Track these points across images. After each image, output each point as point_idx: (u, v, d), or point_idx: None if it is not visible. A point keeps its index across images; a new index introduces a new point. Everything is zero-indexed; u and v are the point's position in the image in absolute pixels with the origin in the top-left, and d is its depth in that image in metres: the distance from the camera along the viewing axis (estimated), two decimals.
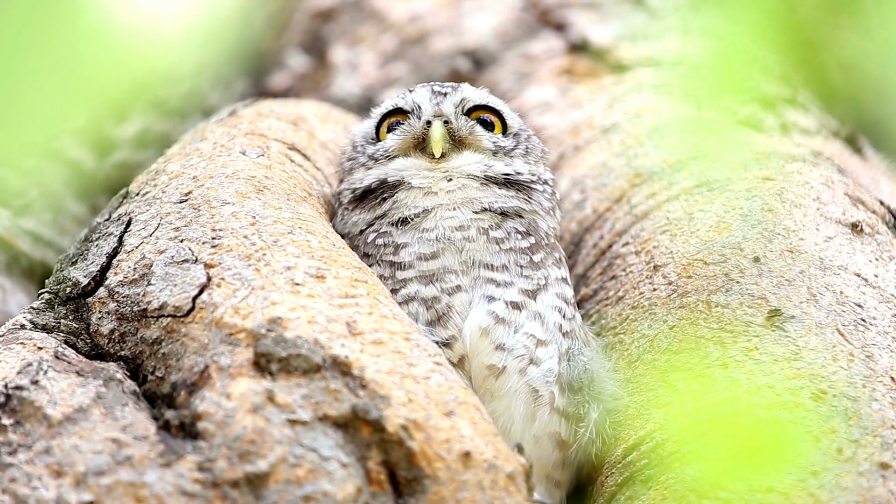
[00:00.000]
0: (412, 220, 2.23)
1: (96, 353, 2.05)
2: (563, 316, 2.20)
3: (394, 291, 2.16)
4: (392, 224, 2.24)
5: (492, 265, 2.19)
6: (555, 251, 2.27)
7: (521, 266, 2.20)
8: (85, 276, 2.10)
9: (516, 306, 2.17)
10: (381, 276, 2.18)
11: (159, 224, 2.11)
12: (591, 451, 2.18)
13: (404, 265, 2.19)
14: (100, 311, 2.06)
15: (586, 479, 2.22)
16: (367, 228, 2.27)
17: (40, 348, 2.01)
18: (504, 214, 2.25)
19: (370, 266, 2.19)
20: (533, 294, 2.19)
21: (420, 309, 2.16)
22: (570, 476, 2.22)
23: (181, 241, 2.08)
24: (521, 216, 2.26)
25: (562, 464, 2.19)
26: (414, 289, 2.17)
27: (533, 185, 2.31)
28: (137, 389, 1.98)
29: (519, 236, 2.23)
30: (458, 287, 2.17)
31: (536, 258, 2.22)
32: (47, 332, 2.06)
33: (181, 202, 2.15)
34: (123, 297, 2.04)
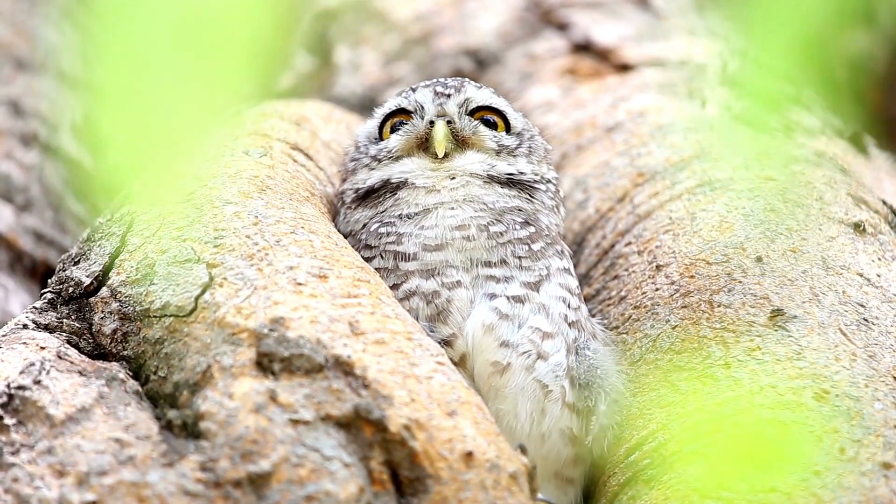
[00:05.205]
0: (413, 217, 2.22)
1: (99, 352, 2.04)
2: (569, 306, 2.18)
3: (395, 287, 2.15)
4: (395, 216, 2.24)
5: (490, 262, 2.18)
6: (556, 244, 2.25)
7: (520, 257, 2.18)
8: (87, 276, 2.10)
9: (519, 300, 2.15)
10: (383, 269, 2.17)
11: (162, 224, 2.12)
12: (604, 445, 2.16)
13: (408, 256, 2.17)
14: (102, 311, 2.06)
15: (588, 478, 2.22)
16: (369, 222, 2.26)
17: (43, 348, 2.01)
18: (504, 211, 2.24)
19: (372, 259, 2.19)
20: (535, 286, 2.17)
21: (420, 304, 2.15)
22: (584, 473, 2.20)
23: (183, 241, 2.08)
24: (521, 210, 2.26)
25: (574, 460, 2.18)
26: (415, 283, 2.15)
27: (536, 185, 2.30)
28: (140, 389, 1.98)
29: (518, 227, 2.21)
30: (458, 282, 2.15)
31: (536, 247, 2.20)
32: (50, 332, 2.06)
33: (184, 202, 2.15)
34: (126, 297, 2.04)
